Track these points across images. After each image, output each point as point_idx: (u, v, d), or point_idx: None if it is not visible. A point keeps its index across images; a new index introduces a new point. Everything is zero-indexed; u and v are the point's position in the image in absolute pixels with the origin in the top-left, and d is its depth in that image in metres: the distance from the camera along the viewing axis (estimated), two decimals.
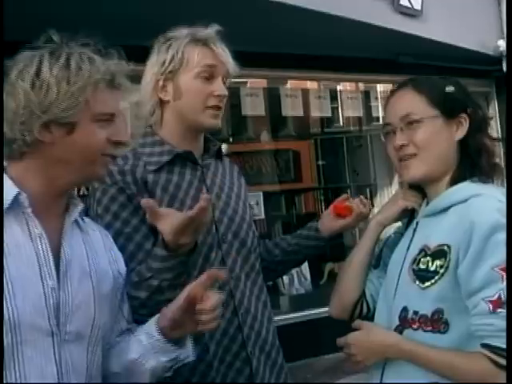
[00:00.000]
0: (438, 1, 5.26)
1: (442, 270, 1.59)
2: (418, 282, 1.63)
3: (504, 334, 1.48)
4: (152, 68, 1.97)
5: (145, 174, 1.90)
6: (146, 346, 1.57)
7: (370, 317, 1.82)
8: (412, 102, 1.72)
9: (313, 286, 6.20)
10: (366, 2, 4.70)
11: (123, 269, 1.66)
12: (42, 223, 1.45)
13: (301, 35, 4.63)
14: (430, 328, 1.59)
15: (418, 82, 1.75)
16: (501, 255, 1.52)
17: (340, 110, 7.02)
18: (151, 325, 1.57)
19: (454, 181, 1.70)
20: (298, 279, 6.11)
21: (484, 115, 1.78)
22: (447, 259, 1.58)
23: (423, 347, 1.59)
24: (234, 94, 5.38)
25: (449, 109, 1.71)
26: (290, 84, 6.20)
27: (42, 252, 1.44)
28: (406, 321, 1.64)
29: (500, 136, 1.83)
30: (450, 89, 1.72)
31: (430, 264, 1.61)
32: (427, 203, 1.76)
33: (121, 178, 1.87)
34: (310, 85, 6.28)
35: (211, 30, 1.99)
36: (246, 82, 5.82)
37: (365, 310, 1.87)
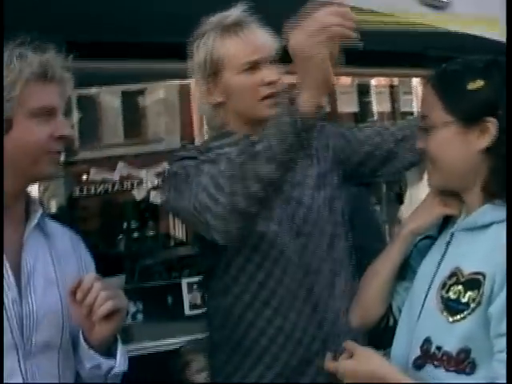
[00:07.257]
0: None
1: (473, 305, 1.37)
2: (445, 314, 1.42)
3: None
4: (195, 73, 1.89)
5: None
6: (81, 350, 1.51)
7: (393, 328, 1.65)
8: (428, 104, 1.51)
9: None
10: None
11: (93, 273, 1.59)
12: None
13: None
14: (453, 368, 1.38)
15: (438, 78, 1.52)
16: None
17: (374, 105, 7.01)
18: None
19: (487, 194, 1.45)
20: None
21: None
22: (480, 292, 1.36)
23: None
24: None
25: (469, 113, 1.43)
26: None
27: None
28: (427, 355, 1.44)
29: None
30: (475, 86, 1.43)
31: (461, 295, 1.40)
32: (465, 213, 1.52)
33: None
34: (341, 80, 6.29)
35: (238, 13, 1.86)
36: None
37: (391, 322, 1.66)
